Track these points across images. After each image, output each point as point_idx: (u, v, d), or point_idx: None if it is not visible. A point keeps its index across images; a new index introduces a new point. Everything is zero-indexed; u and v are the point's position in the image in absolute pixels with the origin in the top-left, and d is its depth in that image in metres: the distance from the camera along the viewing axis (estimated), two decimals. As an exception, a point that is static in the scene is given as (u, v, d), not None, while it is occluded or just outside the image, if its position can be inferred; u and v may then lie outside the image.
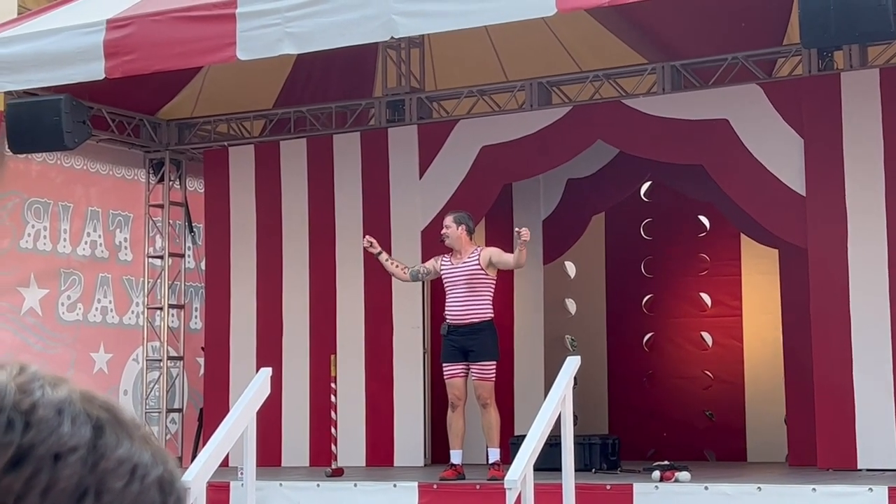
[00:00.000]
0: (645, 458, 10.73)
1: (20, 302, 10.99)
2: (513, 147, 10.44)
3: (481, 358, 8.88)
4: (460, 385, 9.01)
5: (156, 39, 8.72)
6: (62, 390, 0.69)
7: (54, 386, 0.69)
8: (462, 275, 8.95)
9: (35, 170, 11.20)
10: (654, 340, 12.53)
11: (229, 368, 11.35)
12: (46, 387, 0.69)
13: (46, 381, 0.69)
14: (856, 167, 9.20)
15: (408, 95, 11.07)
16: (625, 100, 10.22)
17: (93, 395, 0.70)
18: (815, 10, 7.44)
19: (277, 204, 11.36)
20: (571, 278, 13.03)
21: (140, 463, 0.69)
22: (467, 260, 8.96)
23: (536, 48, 11.00)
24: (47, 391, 0.68)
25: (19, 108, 9.96)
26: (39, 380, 0.69)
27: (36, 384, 0.69)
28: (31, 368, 0.70)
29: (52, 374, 0.70)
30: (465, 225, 9.04)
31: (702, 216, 12.22)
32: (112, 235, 11.89)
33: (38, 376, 0.69)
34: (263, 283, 11.31)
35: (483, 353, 8.88)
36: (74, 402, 0.69)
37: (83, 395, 0.70)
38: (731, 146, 9.66)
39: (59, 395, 0.69)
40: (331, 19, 8.16)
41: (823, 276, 9.22)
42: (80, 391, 0.70)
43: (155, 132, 11.97)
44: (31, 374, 0.69)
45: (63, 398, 0.68)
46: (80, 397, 0.69)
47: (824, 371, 9.17)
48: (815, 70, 9.58)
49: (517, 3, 7.73)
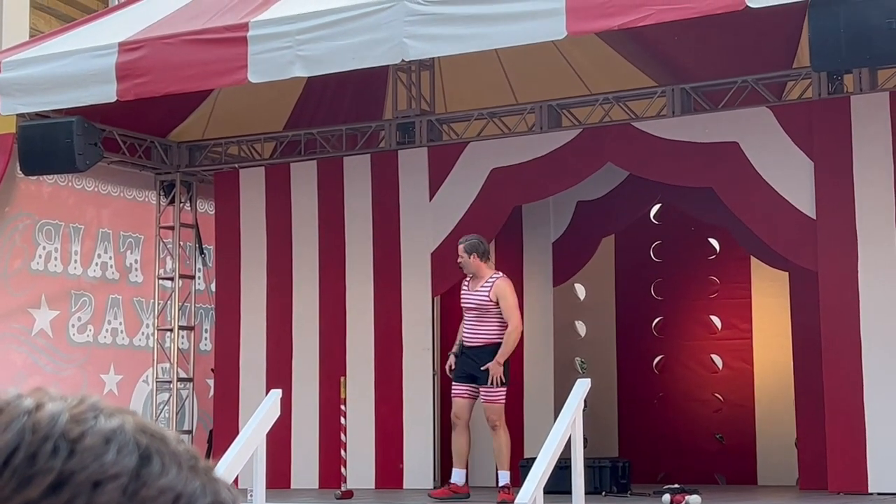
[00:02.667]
0: (655, 482, 10.69)
1: (31, 323, 11.01)
2: (523, 169, 10.46)
3: (478, 381, 9.00)
4: (461, 405, 9.14)
5: (168, 62, 8.76)
6: (115, 420, 0.71)
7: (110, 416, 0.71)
8: (474, 301, 9.09)
9: (47, 191, 11.23)
10: (664, 363, 12.50)
11: (239, 390, 11.34)
12: (101, 417, 0.71)
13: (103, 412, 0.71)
14: (866, 190, 9.19)
15: (418, 118, 11.09)
16: (635, 122, 10.23)
17: (146, 425, 0.72)
18: (826, 34, 7.45)
19: (288, 226, 11.38)
20: (581, 300, 13.01)
21: (185, 492, 0.70)
22: (480, 289, 9.07)
23: (546, 71, 11.03)
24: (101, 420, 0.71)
25: (31, 130, 10.01)
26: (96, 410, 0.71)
27: (90, 414, 0.71)
28: (92, 399, 0.72)
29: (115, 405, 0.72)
30: (476, 252, 9.11)
31: (712, 239, 12.21)
32: (123, 257, 11.92)
33: (96, 407, 0.72)
34: (273, 304, 11.32)
35: (478, 376, 9.00)
36: (126, 432, 0.71)
37: (137, 424, 0.72)
38: (741, 169, 9.66)
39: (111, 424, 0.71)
40: (342, 42, 8.20)
41: (834, 299, 9.20)
42: (136, 421, 0.72)
43: (166, 154, 12.00)
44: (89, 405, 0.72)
45: (114, 428, 0.71)
46: (134, 426, 0.71)
47: (835, 394, 9.14)
48: (825, 93, 9.58)
49: (527, 26, 7.76)
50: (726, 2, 7.44)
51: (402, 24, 8.00)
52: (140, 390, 11.96)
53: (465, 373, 9.07)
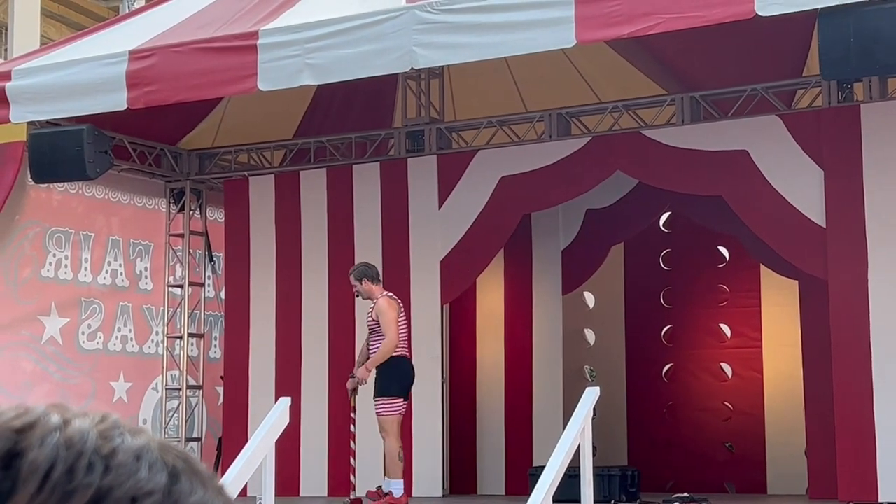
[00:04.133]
0: (664, 490, 10.68)
1: (41, 331, 11.03)
2: (532, 177, 10.46)
3: (377, 394, 9.35)
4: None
5: (178, 70, 8.78)
6: (141, 438, 0.73)
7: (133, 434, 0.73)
8: (369, 322, 9.46)
9: (56, 199, 11.26)
10: (673, 371, 12.49)
11: (248, 398, 11.35)
12: (126, 434, 0.73)
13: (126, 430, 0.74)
14: (876, 199, 9.18)
15: (427, 126, 11.10)
16: (644, 131, 10.23)
17: (169, 445, 0.75)
18: (835, 42, 7.45)
19: (297, 233, 11.39)
20: (590, 309, 13.01)
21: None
22: (369, 310, 9.45)
23: (556, 79, 11.03)
24: (127, 438, 0.73)
25: (42, 138, 10.03)
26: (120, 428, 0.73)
27: (116, 432, 0.73)
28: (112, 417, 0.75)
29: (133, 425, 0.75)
30: (365, 277, 9.47)
31: (721, 247, 12.20)
32: (132, 264, 11.94)
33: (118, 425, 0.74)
34: (283, 312, 11.33)
35: (378, 391, 9.34)
36: (152, 450, 0.73)
37: (161, 444, 0.74)
38: (750, 177, 9.65)
39: (138, 442, 0.73)
40: (351, 51, 8.21)
41: (844, 307, 9.19)
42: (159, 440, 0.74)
43: (176, 162, 12.03)
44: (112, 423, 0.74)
45: (142, 445, 0.73)
46: (158, 446, 0.74)
47: (845, 402, 9.12)
48: (834, 101, 9.57)
49: (537, 34, 7.76)
50: (736, 10, 7.44)
51: (412, 33, 8.01)
52: (149, 398, 11.97)
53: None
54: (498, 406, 11.58)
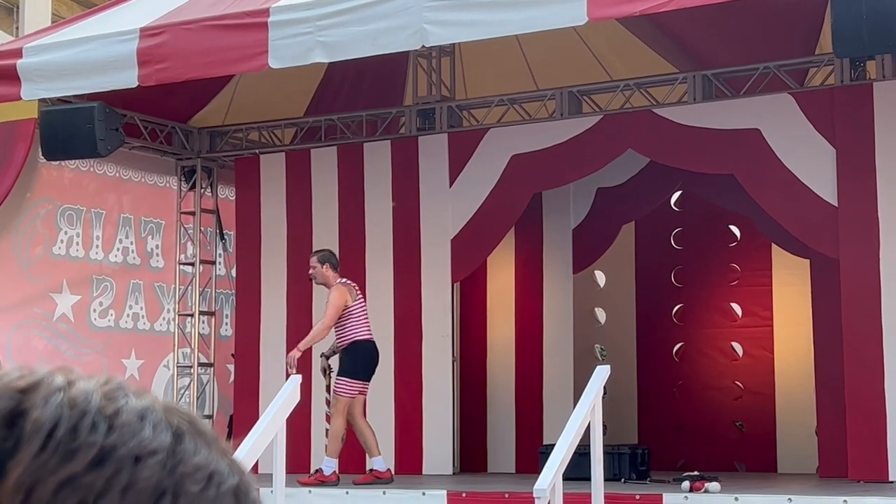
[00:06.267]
0: (675, 469, 10.69)
1: (53, 308, 11.06)
2: (543, 156, 10.44)
3: (338, 374, 9.72)
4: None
5: (189, 48, 8.78)
6: (145, 400, 0.74)
7: (138, 396, 0.74)
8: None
9: (68, 177, 11.28)
10: (683, 350, 12.48)
11: (259, 375, 11.38)
12: (130, 396, 0.74)
13: (131, 391, 0.74)
14: (888, 177, 9.15)
15: (438, 104, 11.08)
16: (655, 109, 10.20)
17: (174, 406, 0.75)
18: (848, 20, 7.41)
19: (308, 211, 11.40)
20: (601, 287, 13.00)
21: (217, 471, 0.73)
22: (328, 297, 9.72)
23: (567, 57, 11.00)
24: (131, 399, 0.73)
25: (53, 115, 10.04)
26: (124, 389, 0.74)
27: (120, 393, 0.74)
28: (117, 379, 0.75)
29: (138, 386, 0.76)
30: (328, 263, 9.80)
31: (732, 226, 12.17)
32: (144, 242, 11.96)
33: (122, 386, 0.75)
34: (293, 290, 11.34)
35: (339, 371, 9.72)
36: (156, 410, 0.74)
37: (165, 405, 0.75)
38: (762, 156, 9.62)
39: (143, 403, 0.74)
40: (362, 28, 8.19)
41: (855, 286, 9.17)
42: (163, 402, 0.75)
43: (187, 140, 12.03)
44: (116, 384, 0.74)
45: (146, 406, 0.73)
46: (163, 407, 0.74)
47: (855, 382, 9.12)
48: (847, 80, 9.53)
49: (548, 11, 7.73)
50: (748, -13, 7.40)
51: (423, 10, 7.99)
52: (161, 375, 12.01)
53: None
54: (508, 384, 11.60)
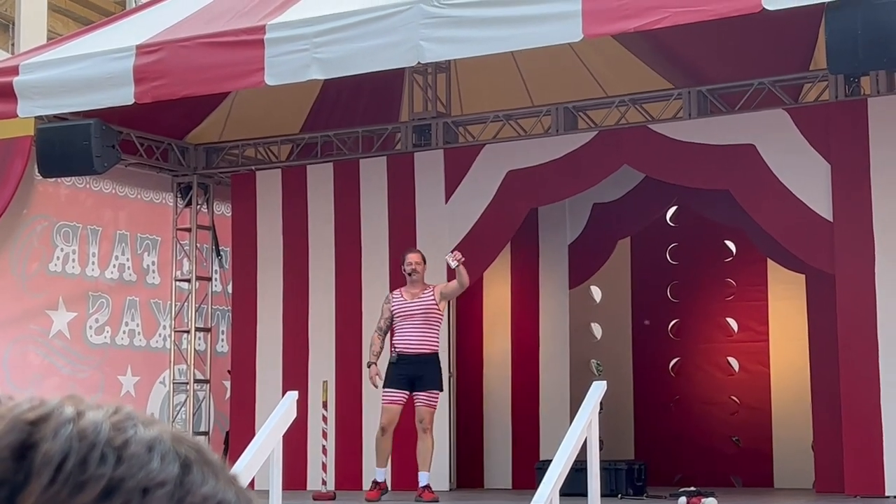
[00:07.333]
0: (671, 484, 10.69)
1: (49, 325, 11.06)
2: (539, 171, 10.46)
3: (430, 386, 9.28)
4: (397, 412, 9.34)
5: (185, 65, 8.79)
6: (154, 429, 0.74)
7: (147, 426, 0.75)
8: (419, 309, 9.37)
9: (64, 193, 11.28)
10: (680, 365, 12.49)
11: (255, 392, 11.37)
12: (139, 426, 0.74)
13: (140, 421, 0.75)
14: (883, 193, 9.17)
15: (434, 120, 11.10)
16: (651, 125, 10.22)
17: (182, 436, 0.76)
18: (843, 36, 7.44)
19: (304, 227, 11.40)
20: (597, 303, 13.01)
21: (224, 500, 0.74)
22: (423, 296, 9.41)
23: (562, 73, 11.03)
24: (140, 430, 0.74)
25: (50, 132, 10.05)
26: (133, 419, 0.75)
27: (129, 423, 0.74)
28: (126, 409, 0.76)
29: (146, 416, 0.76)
30: (424, 262, 9.56)
31: (728, 241, 12.19)
32: (140, 259, 11.97)
33: (131, 416, 0.75)
34: (290, 306, 11.34)
35: (432, 382, 9.28)
36: (165, 441, 0.74)
37: (174, 434, 0.75)
38: (757, 171, 9.64)
39: (151, 433, 0.74)
40: (358, 45, 8.21)
41: (850, 301, 9.18)
42: (172, 431, 0.76)
43: (183, 156, 12.04)
44: (125, 414, 0.75)
45: (154, 436, 0.74)
46: (171, 437, 0.75)
47: (852, 397, 9.12)
48: (841, 95, 9.56)
49: (544, 28, 7.76)
50: (743, 4, 7.43)
51: (418, 27, 8.01)
52: (157, 392, 12.00)
53: (402, 380, 9.28)
54: (505, 400, 11.59)
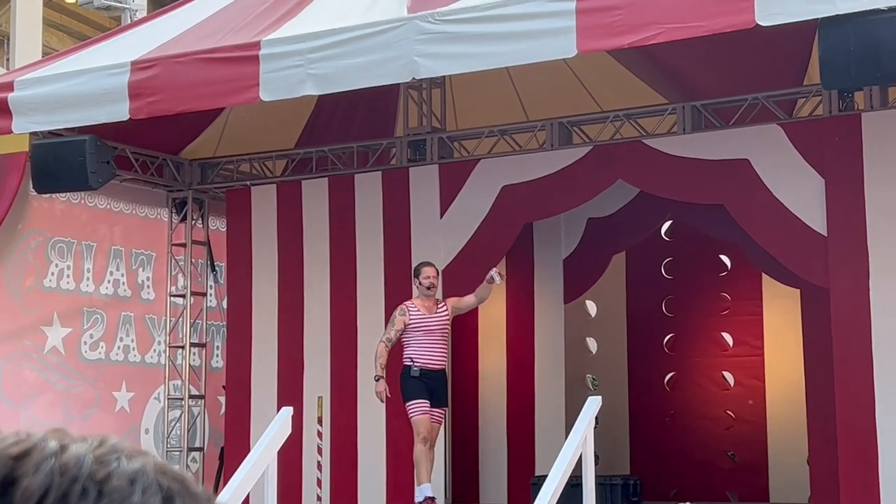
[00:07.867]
0: (667, 499, 10.68)
1: (43, 341, 11.04)
2: (533, 186, 10.47)
3: (443, 403, 9.42)
4: (430, 422, 9.34)
5: (180, 81, 8.80)
6: (137, 462, 0.74)
7: (130, 458, 0.74)
8: (438, 324, 9.43)
9: (59, 209, 11.28)
10: (675, 380, 12.49)
11: (250, 407, 11.35)
12: (123, 458, 0.74)
13: (124, 454, 0.74)
14: (877, 207, 9.19)
15: (429, 135, 11.12)
16: (645, 140, 10.24)
17: (166, 467, 0.75)
18: (836, 52, 7.46)
19: (299, 243, 11.41)
20: (592, 317, 13.01)
21: None
22: (439, 311, 9.47)
23: (557, 88, 11.05)
24: (123, 462, 0.73)
25: (44, 148, 10.05)
26: (117, 452, 0.74)
27: (113, 456, 0.74)
28: (111, 441, 0.75)
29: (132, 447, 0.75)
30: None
31: (723, 255, 12.21)
32: (135, 274, 11.96)
33: (116, 449, 0.74)
34: (284, 321, 11.34)
35: (444, 398, 9.45)
36: (148, 473, 0.73)
37: (157, 466, 0.75)
38: (751, 186, 9.66)
39: (134, 466, 0.73)
40: (353, 61, 8.23)
41: (845, 316, 9.19)
42: (156, 463, 0.75)
43: (178, 172, 12.04)
44: (109, 447, 0.74)
45: (137, 469, 0.73)
46: (155, 468, 0.74)
47: (846, 411, 9.13)
48: (835, 110, 9.58)
49: (538, 44, 7.78)
50: (736, 20, 7.45)
51: (413, 43, 8.03)
52: (152, 407, 11.98)
53: (426, 392, 9.27)
54: (500, 415, 11.59)
